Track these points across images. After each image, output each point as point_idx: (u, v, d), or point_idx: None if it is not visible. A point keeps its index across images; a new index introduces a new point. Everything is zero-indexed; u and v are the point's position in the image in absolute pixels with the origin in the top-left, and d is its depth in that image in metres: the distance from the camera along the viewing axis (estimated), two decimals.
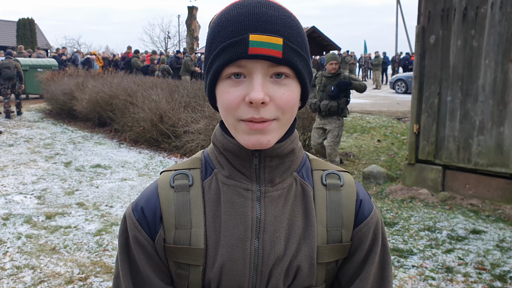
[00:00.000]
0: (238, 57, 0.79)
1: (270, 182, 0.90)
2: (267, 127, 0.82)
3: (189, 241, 0.89)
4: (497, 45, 5.36)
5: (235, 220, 0.88)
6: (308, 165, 0.97)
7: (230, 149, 0.89)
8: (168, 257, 0.91)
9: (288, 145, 0.90)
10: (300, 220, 0.91)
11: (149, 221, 0.91)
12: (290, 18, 0.83)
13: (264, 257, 0.88)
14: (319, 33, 12.24)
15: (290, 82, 0.83)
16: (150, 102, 9.20)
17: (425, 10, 6.01)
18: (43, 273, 3.76)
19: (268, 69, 0.80)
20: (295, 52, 0.81)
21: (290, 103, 0.83)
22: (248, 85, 0.80)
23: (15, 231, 4.66)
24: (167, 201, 0.91)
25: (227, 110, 0.83)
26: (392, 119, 12.81)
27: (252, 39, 0.78)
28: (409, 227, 4.85)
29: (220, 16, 0.84)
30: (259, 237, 0.88)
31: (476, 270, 3.85)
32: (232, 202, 0.89)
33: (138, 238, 0.91)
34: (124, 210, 5.39)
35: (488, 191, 5.62)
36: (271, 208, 0.89)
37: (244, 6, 0.81)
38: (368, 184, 6.67)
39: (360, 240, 0.94)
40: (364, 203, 0.96)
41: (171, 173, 0.95)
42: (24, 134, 10.69)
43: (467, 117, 5.69)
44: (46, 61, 17.99)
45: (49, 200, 5.73)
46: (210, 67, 0.84)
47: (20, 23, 34.93)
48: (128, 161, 8.02)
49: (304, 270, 0.90)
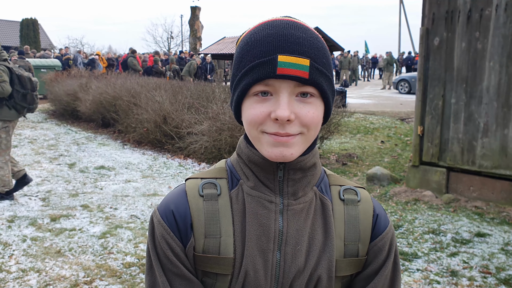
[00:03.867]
0: (266, 77, 0.82)
1: (293, 196, 0.92)
2: (291, 140, 0.84)
3: (218, 250, 0.90)
4: (502, 47, 5.35)
5: (259, 231, 0.91)
6: (326, 180, 1.00)
7: (255, 161, 0.92)
8: (197, 266, 0.92)
9: (310, 159, 0.93)
10: (320, 233, 0.94)
11: (180, 227, 0.92)
12: (317, 40, 0.86)
13: (286, 269, 0.91)
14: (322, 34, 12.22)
15: (315, 101, 0.86)
16: (154, 103, 9.21)
17: (429, 12, 6.00)
18: (49, 276, 3.77)
19: (294, 88, 0.83)
20: (321, 72, 0.84)
21: (315, 121, 0.86)
22: (275, 103, 0.83)
23: (20, 234, 4.68)
24: (197, 210, 0.92)
25: (251, 124, 0.86)
26: (395, 119, 12.79)
27: (281, 60, 0.81)
28: (414, 229, 4.85)
29: (250, 36, 0.87)
30: (281, 249, 0.91)
31: (481, 274, 3.85)
32: (256, 214, 0.91)
33: (170, 244, 0.91)
34: (129, 212, 5.42)
35: (492, 194, 5.61)
36: (294, 221, 0.92)
37: (273, 27, 0.84)
38: (372, 186, 6.67)
39: (375, 254, 0.97)
40: (381, 218, 0.99)
41: (199, 181, 0.96)
42: (28, 135, 10.71)
43: (471, 119, 5.68)
44: (50, 61, 18.03)
45: (53, 202, 5.74)
46: (238, 84, 0.87)
47: (23, 23, 35.00)
48: (132, 163, 8.03)
49: (323, 283, 0.92)
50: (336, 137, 9.83)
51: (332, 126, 8.27)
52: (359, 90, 23.35)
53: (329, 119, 0.93)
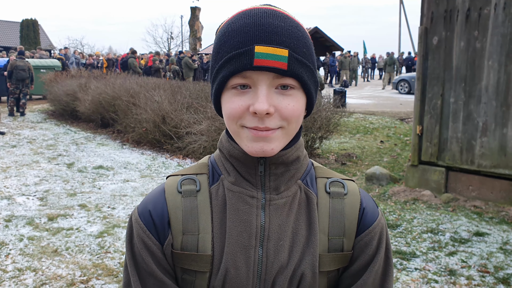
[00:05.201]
0: (243, 69, 0.79)
1: (275, 190, 0.90)
2: (271, 134, 0.82)
3: (197, 247, 0.89)
4: (501, 46, 5.34)
5: (240, 228, 0.88)
6: (313, 173, 0.97)
7: (236, 155, 0.89)
8: (175, 263, 0.91)
9: (293, 153, 0.90)
10: (303, 228, 0.91)
11: (157, 226, 0.90)
12: (297, 28, 0.83)
13: (268, 265, 0.88)
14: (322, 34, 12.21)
15: (296, 93, 0.83)
16: (153, 103, 9.20)
17: (428, 11, 5.99)
18: (45, 276, 3.76)
19: (273, 80, 0.80)
20: (301, 63, 0.81)
21: (295, 114, 0.83)
22: (253, 95, 0.80)
23: (17, 233, 4.67)
24: (175, 207, 0.90)
25: (230, 118, 0.83)
26: (395, 119, 12.77)
27: (258, 51, 0.78)
28: (412, 229, 4.83)
29: (227, 26, 0.83)
30: (263, 245, 0.88)
31: (480, 273, 3.83)
32: (237, 209, 0.89)
33: (146, 243, 0.90)
34: (127, 212, 5.41)
35: (491, 193, 5.59)
36: (276, 216, 0.89)
37: (250, 16, 0.81)
38: (371, 185, 6.65)
39: (362, 249, 0.93)
40: (367, 211, 0.95)
41: (178, 177, 0.94)
42: (27, 135, 10.71)
43: (470, 119, 5.67)
44: (49, 61, 18.04)
45: (51, 202, 5.73)
46: (216, 76, 0.84)
47: (23, 24, 35.05)
48: (130, 162, 8.02)
49: (307, 278, 0.89)
50: (335, 137, 9.82)
51: (331, 126, 8.26)
52: (359, 91, 23.33)
53: (312, 111, 0.90)
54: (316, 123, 7.81)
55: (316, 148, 8.37)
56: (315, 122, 7.80)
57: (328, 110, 8.27)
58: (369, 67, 33.20)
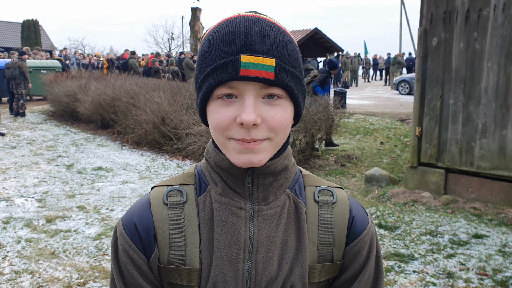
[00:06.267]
0: (229, 79, 0.77)
1: (264, 201, 0.88)
2: (258, 145, 0.80)
3: (184, 261, 0.87)
4: (500, 47, 5.32)
5: (228, 240, 0.86)
6: (301, 181, 0.95)
7: (223, 166, 0.87)
8: (162, 277, 0.89)
9: (281, 162, 0.88)
10: (293, 239, 0.89)
11: (143, 239, 0.88)
12: (283, 36, 0.81)
13: (257, 278, 0.86)
14: (322, 35, 12.20)
15: (283, 103, 0.81)
16: (152, 104, 9.20)
17: (427, 13, 5.97)
18: (42, 278, 3.75)
19: (260, 90, 0.78)
20: (288, 72, 0.79)
21: (283, 124, 0.81)
22: (240, 106, 0.79)
23: (15, 235, 4.66)
24: (161, 219, 0.88)
25: (217, 130, 0.81)
26: (395, 120, 12.76)
27: (244, 60, 0.76)
28: (411, 231, 4.81)
29: (212, 34, 0.81)
30: (252, 257, 0.86)
31: (478, 276, 3.81)
32: (225, 221, 0.87)
33: (132, 256, 0.87)
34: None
35: (491, 195, 5.58)
36: (265, 227, 0.87)
37: (235, 24, 0.79)
38: (370, 187, 6.64)
39: (352, 258, 0.92)
40: (357, 220, 0.93)
41: (164, 189, 0.92)
42: (27, 136, 10.71)
43: (470, 120, 5.65)
44: (50, 62, 18.04)
45: (50, 203, 5.72)
46: (201, 86, 0.82)
47: (24, 25, 35.08)
48: (130, 164, 8.01)
49: None
50: (335, 138, 9.81)
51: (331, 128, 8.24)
52: (359, 91, 23.31)
53: (300, 119, 0.88)
54: (316, 124, 7.80)
55: (315, 150, 8.35)
56: (316, 124, 7.79)
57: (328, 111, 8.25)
58: (370, 68, 33.18)
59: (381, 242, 4.52)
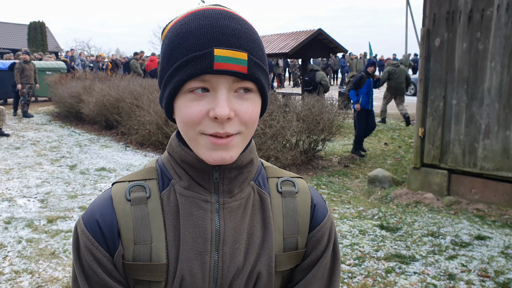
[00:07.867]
0: (202, 72, 0.76)
1: (229, 193, 0.88)
2: (231, 142, 0.80)
3: (150, 256, 0.85)
4: (503, 47, 5.28)
5: (195, 233, 0.86)
6: (264, 173, 0.96)
7: (189, 161, 0.87)
8: (127, 274, 0.87)
9: (247, 156, 0.89)
10: (259, 229, 0.91)
11: (106, 236, 0.86)
12: (252, 31, 0.81)
13: (224, 269, 0.87)
14: (326, 36, 12.15)
15: (253, 97, 0.81)
16: (156, 105, 9.20)
17: (430, 13, 5.94)
18: (41, 278, 3.75)
19: (232, 84, 0.78)
20: (259, 67, 0.80)
21: (254, 118, 0.82)
22: (213, 100, 0.78)
23: (16, 235, 4.67)
24: (124, 216, 0.86)
25: (188, 124, 0.80)
26: (400, 121, 12.71)
27: (217, 54, 0.75)
28: (413, 232, 4.78)
29: (180, 26, 0.80)
30: (218, 249, 0.87)
31: (479, 278, 3.77)
32: (191, 215, 0.86)
33: (95, 255, 0.85)
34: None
35: (494, 196, 5.53)
36: (230, 219, 0.88)
37: (205, 17, 0.78)
38: (373, 188, 6.61)
39: (314, 245, 0.94)
40: (318, 208, 0.96)
41: (126, 184, 0.90)
42: (31, 136, 10.75)
43: (473, 121, 5.61)
44: (55, 63, 18.13)
45: (51, 204, 5.74)
46: (170, 79, 0.80)
47: (31, 27, 35.29)
48: (133, 164, 8.02)
49: (263, 279, 0.89)
50: (338, 138, 9.77)
51: (334, 128, 8.21)
52: None
53: (264, 113, 0.89)
54: (319, 125, 7.77)
55: (318, 150, 8.32)
56: (318, 124, 7.76)
57: (331, 112, 8.22)
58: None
59: (382, 243, 4.49)
